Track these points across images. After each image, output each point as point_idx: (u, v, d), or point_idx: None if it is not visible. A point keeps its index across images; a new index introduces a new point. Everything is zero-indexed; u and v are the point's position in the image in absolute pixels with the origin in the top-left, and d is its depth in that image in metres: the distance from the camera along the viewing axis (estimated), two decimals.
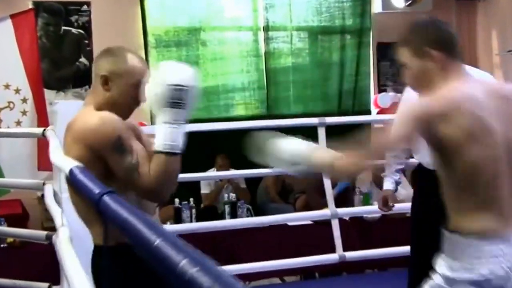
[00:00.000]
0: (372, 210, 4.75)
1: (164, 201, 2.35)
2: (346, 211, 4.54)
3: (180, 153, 1.97)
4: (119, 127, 1.99)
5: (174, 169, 1.98)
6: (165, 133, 1.93)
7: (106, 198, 1.34)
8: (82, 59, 6.21)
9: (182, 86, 1.90)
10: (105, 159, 1.97)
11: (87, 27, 6.20)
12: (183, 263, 0.82)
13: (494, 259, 1.83)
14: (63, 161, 1.95)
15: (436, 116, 1.89)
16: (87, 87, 6.17)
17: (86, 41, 6.20)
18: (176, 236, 0.94)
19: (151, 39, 6.40)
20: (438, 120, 1.88)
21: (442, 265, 1.93)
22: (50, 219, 4.01)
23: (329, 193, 4.23)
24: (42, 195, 4.31)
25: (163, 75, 1.92)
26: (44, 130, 3.73)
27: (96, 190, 1.44)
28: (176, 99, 1.90)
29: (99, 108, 2.07)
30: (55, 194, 3.67)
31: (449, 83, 1.96)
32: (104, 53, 2.15)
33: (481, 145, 1.86)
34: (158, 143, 1.94)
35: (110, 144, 1.96)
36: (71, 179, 1.73)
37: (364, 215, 5.16)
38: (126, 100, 2.09)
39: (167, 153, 1.94)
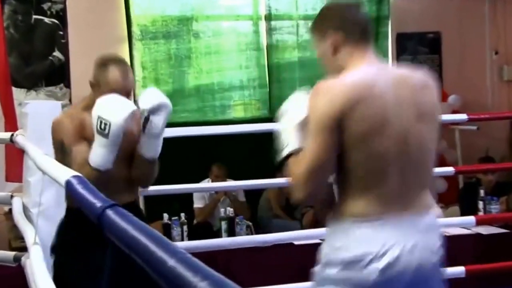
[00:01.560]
0: None
1: None
2: None
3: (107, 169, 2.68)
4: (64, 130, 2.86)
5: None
6: (95, 153, 2.66)
7: (110, 212, 1.35)
8: (56, 53, 6.23)
9: (105, 125, 2.60)
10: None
11: (61, 16, 6.23)
12: (201, 286, 0.83)
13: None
14: (58, 170, 1.98)
15: (342, 112, 2.03)
16: (61, 85, 6.19)
17: (61, 33, 6.22)
18: (192, 255, 0.94)
19: (135, 30, 6.42)
20: (345, 114, 2.04)
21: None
22: (19, 237, 4.02)
23: None
24: (10, 210, 4.32)
25: (96, 108, 2.65)
26: (13, 135, 3.74)
27: (98, 203, 1.44)
28: (101, 130, 2.61)
29: (86, 106, 2.86)
30: (25, 209, 3.67)
31: (352, 68, 2.13)
32: (95, 61, 2.89)
33: (377, 136, 2.05)
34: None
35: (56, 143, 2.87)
36: (69, 191, 1.77)
37: None
38: None
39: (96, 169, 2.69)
